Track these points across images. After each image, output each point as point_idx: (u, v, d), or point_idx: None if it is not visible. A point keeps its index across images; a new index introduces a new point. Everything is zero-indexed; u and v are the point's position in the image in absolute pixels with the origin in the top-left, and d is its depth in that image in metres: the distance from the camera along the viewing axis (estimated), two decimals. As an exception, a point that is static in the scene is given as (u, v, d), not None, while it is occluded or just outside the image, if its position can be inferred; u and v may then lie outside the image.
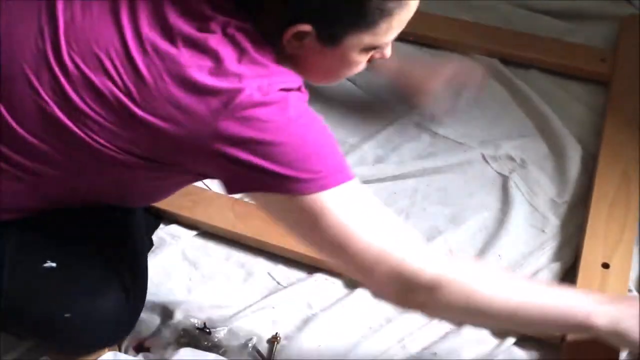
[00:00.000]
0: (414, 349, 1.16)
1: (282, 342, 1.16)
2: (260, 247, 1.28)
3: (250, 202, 1.32)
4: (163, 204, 1.31)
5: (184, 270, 1.26)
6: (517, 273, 1.20)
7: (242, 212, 1.30)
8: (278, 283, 1.24)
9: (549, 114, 1.46)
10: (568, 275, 1.23)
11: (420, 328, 1.18)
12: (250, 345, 1.15)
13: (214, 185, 1.38)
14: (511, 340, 1.15)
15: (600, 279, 1.17)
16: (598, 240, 1.23)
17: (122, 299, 1.08)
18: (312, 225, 0.91)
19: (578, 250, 1.25)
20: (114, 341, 1.14)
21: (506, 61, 1.57)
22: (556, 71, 1.55)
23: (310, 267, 1.25)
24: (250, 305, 1.21)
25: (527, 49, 1.57)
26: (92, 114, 0.90)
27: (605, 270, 1.19)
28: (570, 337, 1.11)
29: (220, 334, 1.15)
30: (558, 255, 1.26)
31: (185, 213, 1.31)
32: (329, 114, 1.49)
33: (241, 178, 0.90)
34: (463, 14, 1.69)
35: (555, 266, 1.24)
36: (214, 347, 1.14)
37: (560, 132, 1.43)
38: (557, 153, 1.41)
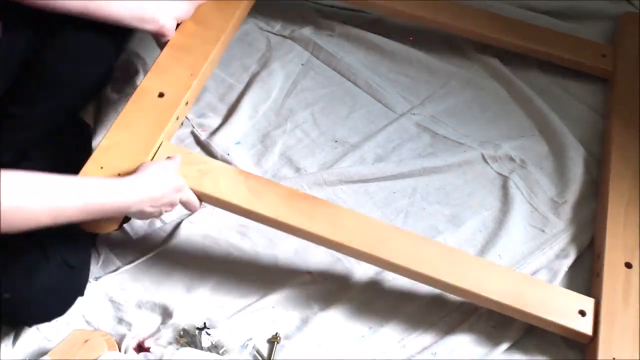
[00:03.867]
0: (414, 349, 1.16)
1: (282, 342, 1.16)
2: (275, 226, 1.17)
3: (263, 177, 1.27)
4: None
5: (184, 270, 1.26)
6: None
7: (256, 187, 1.16)
8: (278, 283, 1.24)
9: (549, 113, 1.46)
10: (568, 274, 1.24)
11: (420, 328, 1.18)
12: (250, 345, 1.15)
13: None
14: (511, 340, 1.16)
15: (624, 278, 1.18)
16: (618, 240, 1.23)
17: (60, 272, 1.10)
18: None
19: (579, 249, 1.25)
20: (63, 310, 1.16)
21: (505, 52, 1.55)
22: (557, 65, 1.53)
23: (310, 267, 1.26)
24: (250, 305, 1.21)
25: (527, 40, 1.52)
26: None
27: (628, 270, 1.19)
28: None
29: (220, 334, 1.15)
30: (558, 255, 1.26)
31: (190, 184, 1.15)
32: (330, 113, 1.50)
33: None
34: (463, 13, 1.69)
35: (555, 266, 1.25)
36: (214, 347, 1.14)
37: (560, 131, 1.43)
38: (557, 153, 1.41)
